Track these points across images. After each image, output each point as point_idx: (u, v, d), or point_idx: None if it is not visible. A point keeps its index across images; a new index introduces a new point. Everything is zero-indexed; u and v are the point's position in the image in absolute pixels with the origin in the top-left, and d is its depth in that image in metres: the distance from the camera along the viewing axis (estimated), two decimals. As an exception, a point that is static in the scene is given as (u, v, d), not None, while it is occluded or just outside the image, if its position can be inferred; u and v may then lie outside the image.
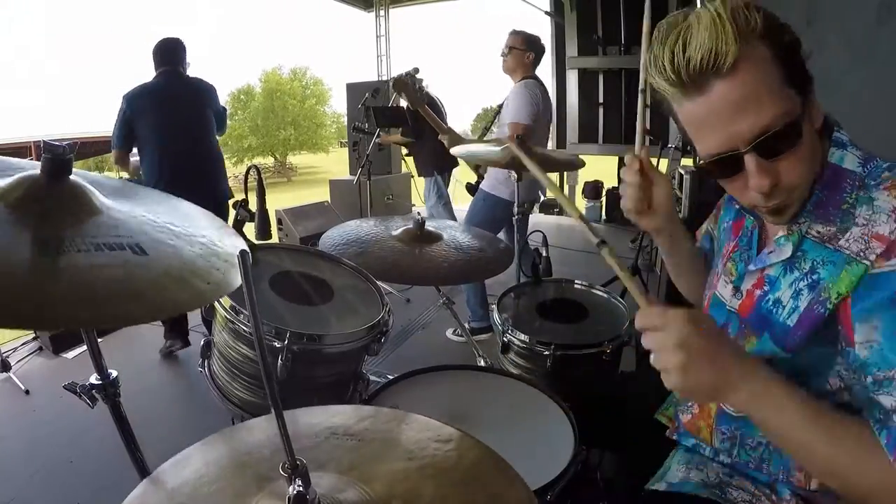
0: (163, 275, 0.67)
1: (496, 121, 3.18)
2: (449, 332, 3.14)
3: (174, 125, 2.82)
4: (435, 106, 4.12)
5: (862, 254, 0.69)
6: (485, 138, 3.13)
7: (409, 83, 2.57)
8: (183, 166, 2.82)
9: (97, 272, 0.62)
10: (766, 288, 0.83)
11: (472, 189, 3.04)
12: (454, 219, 3.58)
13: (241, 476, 0.65)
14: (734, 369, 0.67)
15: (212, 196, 2.91)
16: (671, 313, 0.66)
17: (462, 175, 3.94)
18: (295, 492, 0.55)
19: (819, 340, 0.75)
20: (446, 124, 2.83)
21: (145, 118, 2.78)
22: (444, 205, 4.11)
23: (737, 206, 0.98)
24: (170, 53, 2.89)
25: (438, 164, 3.89)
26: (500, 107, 2.85)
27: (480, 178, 2.97)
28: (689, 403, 1.01)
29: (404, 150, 3.76)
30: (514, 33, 2.80)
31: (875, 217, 0.70)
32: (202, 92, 2.99)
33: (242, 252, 0.55)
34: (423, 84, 4.12)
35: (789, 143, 0.68)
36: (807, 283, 0.76)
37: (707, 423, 0.95)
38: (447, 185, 4.14)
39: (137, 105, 2.76)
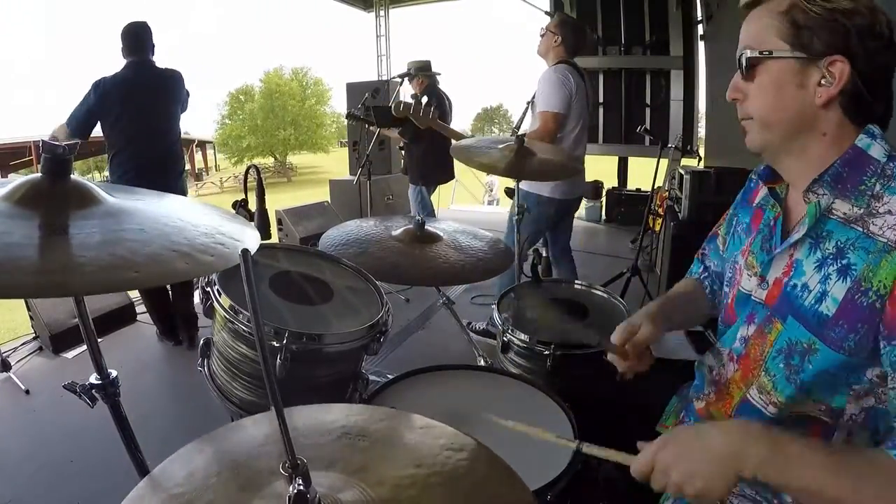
0: (166, 248, 0.70)
1: (527, 113, 3.06)
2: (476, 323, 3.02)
3: (140, 122, 2.79)
4: (443, 104, 4.09)
5: None
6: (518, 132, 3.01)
7: (412, 107, 2.30)
8: (147, 163, 2.80)
9: (103, 248, 0.66)
10: (791, 273, 0.83)
11: (511, 193, 2.97)
12: None
13: (245, 473, 0.65)
14: (725, 446, 0.69)
15: (172, 191, 2.88)
16: (645, 454, 0.74)
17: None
18: (295, 491, 0.55)
19: (865, 334, 0.74)
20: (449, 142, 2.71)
21: (112, 115, 2.74)
22: (426, 216, 4.07)
23: (752, 206, 0.99)
24: (137, 40, 2.82)
25: (424, 174, 3.86)
26: (531, 100, 2.72)
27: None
28: (706, 391, 1.01)
29: (403, 151, 3.72)
30: (556, 13, 2.73)
31: None
32: (170, 84, 2.93)
33: (244, 251, 0.55)
34: (438, 78, 4.08)
35: (748, 70, 0.82)
36: (836, 268, 0.76)
37: (724, 417, 0.95)
38: (430, 195, 4.11)
39: (105, 102, 2.72)
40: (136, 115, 2.78)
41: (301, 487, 0.55)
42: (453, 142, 2.21)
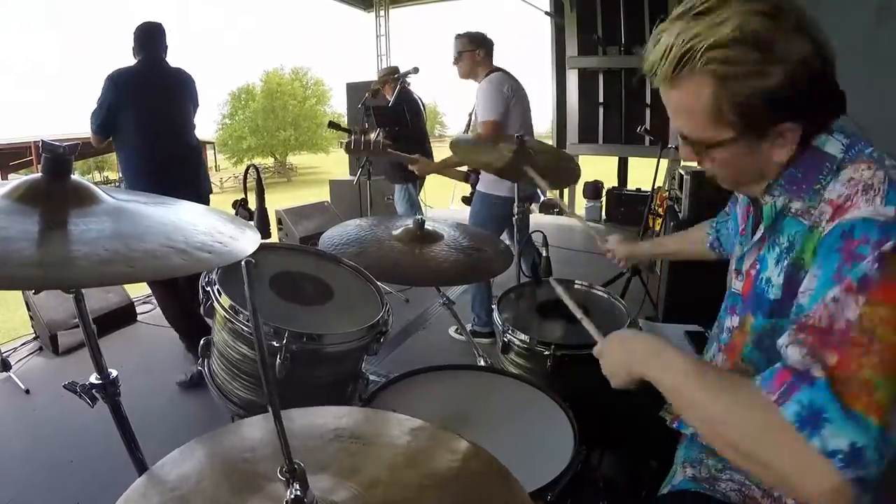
0: (163, 245, 0.72)
1: (470, 125, 3.12)
2: (451, 330, 3.14)
3: (156, 118, 2.71)
4: (415, 106, 4.10)
5: (818, 221, 0.73)
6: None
7: (360, 144, 2.35)
8: (164, 162, 2.71)
9: (104, 242, 0.67)
10: (758, 267, 0.86)
11: (467, 200, 3.04)
12: None
13: (241, 473, 0.65)
14: (639, 351, 0.81)
15: (195, 193, 2.75)
16: (601, 345, 0.90)
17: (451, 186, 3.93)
18: (292, 496, 0.55)
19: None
20: (428, 143, 2.80)
21: (125, 106, 2.65)
22: (417, 214, 4.10)
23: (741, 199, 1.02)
24: (150, 38, 2.75)
25: (409, 172, 3.90)
26: (472, 112, 2.81)
27: (473, 186, 2.95)
28: None
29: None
30: (458, 37, 2.78)
31: (835, 187, 0.73)
32: (183, 83, 2.87)
33: (247, 262, 0.56)
34: (408, 82, 4.11)
35: (699, 153, 0.80)
36: (787, 258, 0.79)
37: None
38: (418, 193, 4.12)
39: (121, 92, 2.63)
40: (149, 111, 2.70)
41: (298, 493, 0.55)
42: (453, 140, 2.24)
